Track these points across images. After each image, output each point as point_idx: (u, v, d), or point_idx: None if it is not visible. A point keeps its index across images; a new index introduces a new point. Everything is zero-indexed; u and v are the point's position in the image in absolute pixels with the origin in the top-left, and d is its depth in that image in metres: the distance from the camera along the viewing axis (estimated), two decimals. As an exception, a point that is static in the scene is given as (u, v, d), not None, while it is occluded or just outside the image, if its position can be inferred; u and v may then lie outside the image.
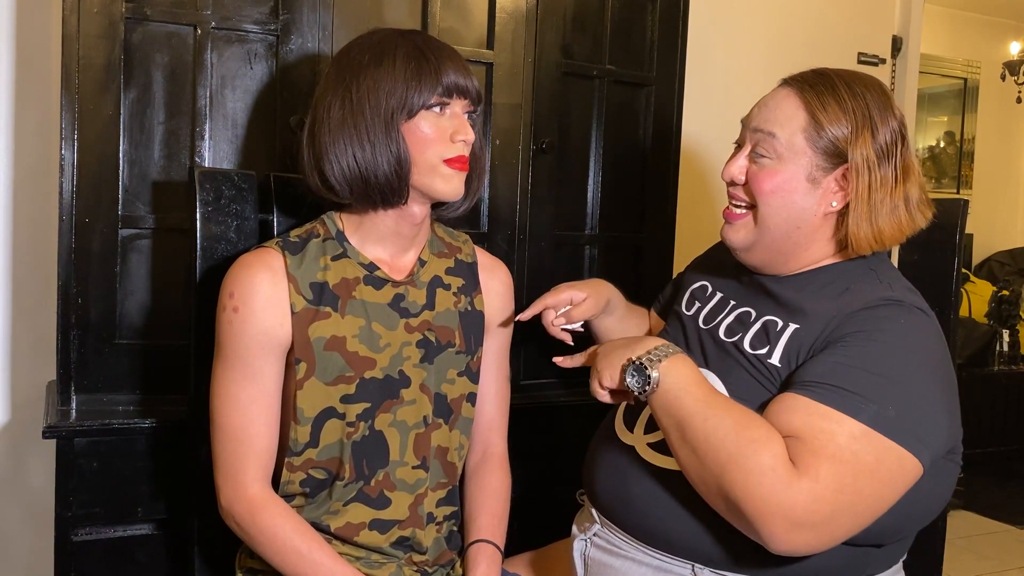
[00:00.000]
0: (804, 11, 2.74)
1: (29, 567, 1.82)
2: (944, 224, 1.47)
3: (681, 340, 1.29)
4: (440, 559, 1.25)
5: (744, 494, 0.99)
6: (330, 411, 1.15)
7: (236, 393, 1.13)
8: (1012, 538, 3.26)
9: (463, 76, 1.16)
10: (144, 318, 1.46)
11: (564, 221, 1.78)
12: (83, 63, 1.37)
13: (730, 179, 1.22)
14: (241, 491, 1.14)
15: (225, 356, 1.14)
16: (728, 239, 1.23)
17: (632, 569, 1.17)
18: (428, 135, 1.14)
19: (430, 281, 1.24)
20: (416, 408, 1.20)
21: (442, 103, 1.15)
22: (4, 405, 1.79)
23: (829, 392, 1.03)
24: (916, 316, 1.11)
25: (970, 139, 5.57)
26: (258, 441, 1.14)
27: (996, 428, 4.02)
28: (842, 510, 0.99)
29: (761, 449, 1.00)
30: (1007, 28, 5.52)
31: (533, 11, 1.68)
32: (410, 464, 1.19)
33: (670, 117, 1.88)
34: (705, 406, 1.06)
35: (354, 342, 1.16)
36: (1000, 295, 4.16)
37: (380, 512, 1.17)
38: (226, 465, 1.15)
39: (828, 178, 1.15)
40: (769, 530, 0.98)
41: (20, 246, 1.78)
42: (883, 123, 1.16)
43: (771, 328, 1.17)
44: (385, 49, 1.15)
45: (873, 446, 1.00)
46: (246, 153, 1.49)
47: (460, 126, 1.17)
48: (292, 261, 1.15)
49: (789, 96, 1.18)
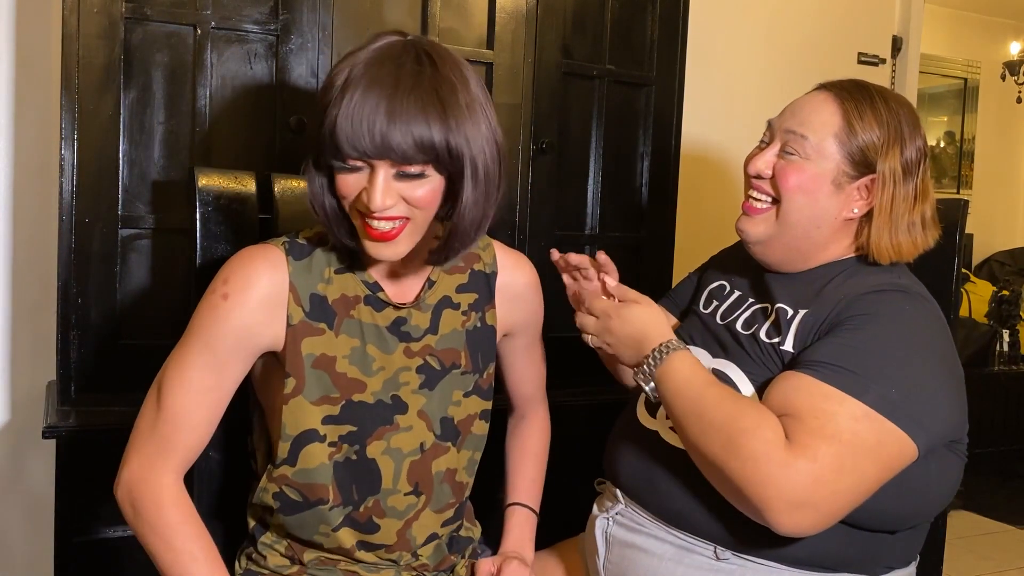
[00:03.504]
0: (804, 11, 2.74)
1: (29, 567, 1.82)
2: (944, 224, 1.47)
3: (698, 334, 1.30)
4: (441, 564, 1.23)
5: (743, 481, 1.01)
6: (312, 433, 1.09)
7: (193, 378, 1.06)
8: (1012, 538, 3.25)
9: (381, 134, 0.97)
10: (144, 318, 1.46)
11: (564, 221, 1.78)
12: (83, 63, 1.37)
13: (756, 172, 1.22)
14: (156, 476, 1.06)
15: (194, 339, 1.07)
16: (745, 232, 1.24)
17: (655, 546, 1.18)
18: (340, 190, 1.03)
19: (437, 303, 1.17)
20: (413, 435, 1.15)
21: (352, 165, 1.00)
22: (4, 405, 1.79)
23: (832, 372, 1.04)
24: (920, 303, 1.14)
25: (970, 139, 5.57)
26: (194, 434, 1.07)
27: (996, 428, 4.01)
28: (843, 490, 1.00)
29: (752, 437, 1.02)
30: (1007, 28, 5.52)
31: (533, 11, 1.68)
32: (402, 491, 1.15)
33: (670, 117, 1.88)
34: (699, 404, 1.08)
35: (344, 363, 1.11)
36: (1000, 295, 4.16)
37: (368, 536, 1.14)
38: (149, 444, 1.07)
39: (852, 186, 1.18)
40: (771, 512, 1.00)
41: (20, 246, 1.78)
42: (911, 140, 1.18)
43: (782, 316, 1.18)
44: (339, 79, 1.00)
45: (874, 427, 1.02)
46: (246, 153, 1.49)
47: (371, 194, 0.99)
48: (295, 268, 1.09)
49: (827, 101, 1.20)
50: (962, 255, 1.48)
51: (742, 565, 1.12)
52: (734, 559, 1.13)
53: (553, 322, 1.75)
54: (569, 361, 1.77)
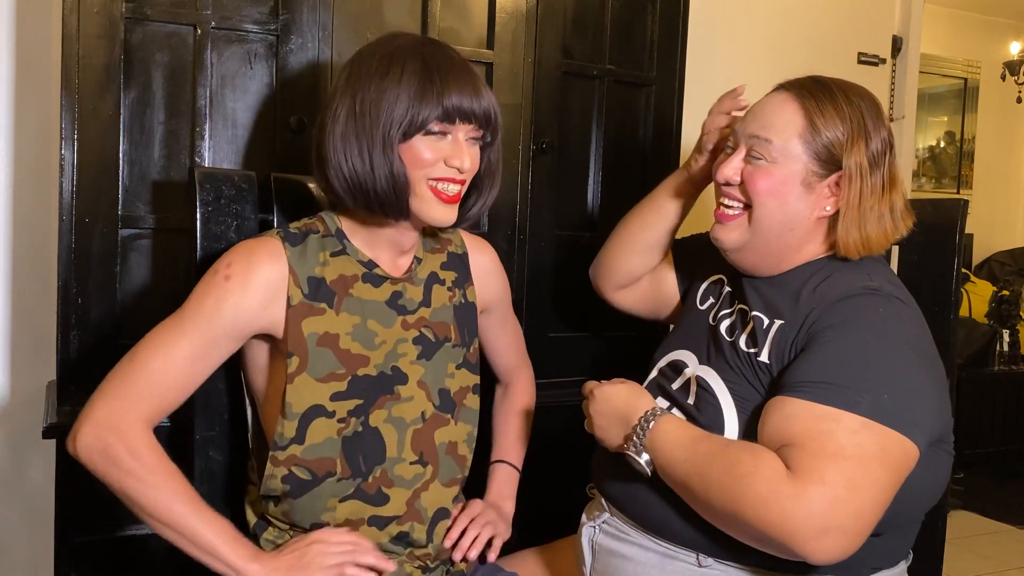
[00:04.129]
0: (804, 11, 2.74)
1: (29, 567, 1.82)
2: (944, 224, 1.47)
3: (691, 337, 1.30)
4: (443, 553, 1.25)
5: (761, 524, 0.99)
6: (319, 408, 1.14)
7: (180, 345, 1.09)
8: (1012, 538, 3.26)
9: (470, 99, 1.11)
10: (144, 318, 1.45)
11: (564, 221, 1.78)
12: (83, 63, 1.37)
13: (725, 180, 1.22)
14: (127, 424, 1.07)
15: (189, 312, 1.11)
16: (720, 239, 1.24)
17: (639, 555, 1.18)
18: (422, 158, 1.11)
19: (427, 278, 1.25)
20: (414, 404, 1.20)
21: (443, 129, 1.12)
22: (4, 405, 1.79)
23: (820, 390, 1.03)
24: (894, 304, 1.12)
25: (970, 139, 5.57)
26: (168, 394, 1.09)
27: (996, 428, 4.01)
28: (864, 505, 0.98)
29: (754, 479, 0.99)
30: (1007, 28, 5.52)
31: (533, 11, 1.68)
32: (408, 460, 1.19)
33: (670, 117, 1.88)
34: (695, 464, 1.06)
35: (347, 340, 1.16)
36: (1000, 295, 4.16)
37: (378, 508, 1.17)
38: (120, 396, 1.08)
39: (822, 184, 1.17)
40: (798, 545, 0.97)
41: (20, 246, 1.78)
42: (875, 132, 1.17)
43: (759, 326, 1.18)
44: (394, 61, 1.11)
45: (875, 436, 1.00)
46: (246, 153, 1.49)
47: (457, 151, 1.13)
48: (292, 253, 1.15)
49: (787, 101, 1.19)
50: (962, 255, 1.48)
51: (724, 572, 1.12)
52: (716, 565, 1.13)
53: (554, 322, 1.76)
54: (569, 361, 1.77)
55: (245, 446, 1.28)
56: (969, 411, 3.86)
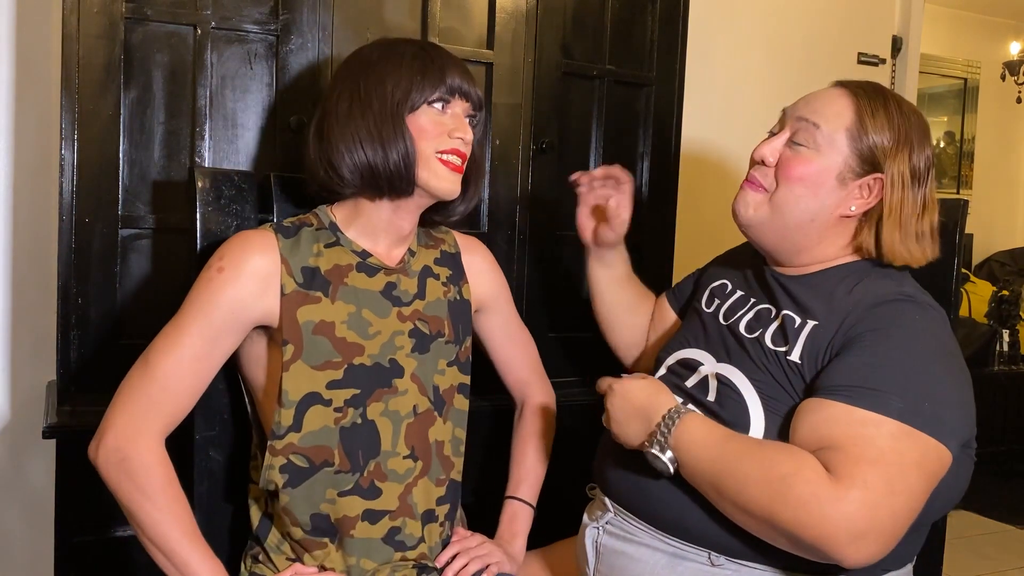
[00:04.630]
0: (804, 11, 2.74)
1: (29, 567, 1.82)
2: (944, 224, 1.46)
3: (701, 336, 1.29)
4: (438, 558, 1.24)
5: (798, 527, 0.99)
6: (315, 396, 1.15)
7: (185, 345, 1.11)
8: (1012, 538, 3.26)
9: (466, 81, 1.21)
10: (144, 318, 1.46)
11: (564, 221, 1.78)
12: (83, 63, 1.37)
13: (761, 158, 1.22)
14: (144, 438, 1.09)
15: (190, 309, 1.13)
16: (737, 211, 1.24)
17: (647, 555, 1.17)
18: (427, 129, 1.17)
19: (421, 270, 1.27)
20: (408, 398, 1.21)
21: (443, 100, 1.19)
22: (4, 405, 1.79)
23: (860, 395, 1.03)
24: (929, 312, 1.13)
25: (970, 139, 5.57)
26: (180, 399, 1.12)
27: (996, 428, 4.01)
28: (900, 510, 0.99)
29: (796, 481, 0.99)
30: (1007, 28, 5.52)
31: (533, 11, 1.68)
32: (401, 454, 1.20)
33: (670, 117, 1.88)
34: (726, 463, 1.05)
35: (343, 328, 1.17)
36: (1000, 295, 4.16)
37: (371, 503, 1.17)
38: (136, 406, 1.10)
39: (856, 183, 1.17)
40: (835, 549, 0.97)
41: (20, 246, 1.78)
42: (920, 149, 1.19)
43: (789, 325, 1.17)
44: (393, 49, 1.20)
45: (915, 443, 1.01)
46: (246, 153, 1.49)
47: (459, 124, 1.20)
48: (285, 244, 1.17)
49: (842, 96, 1.20)
50: (962, 255, 1.48)
51: (737, 571, 1.11)
52: (729, 564, 1.12)
53: (554, 322, 1.76)
54: (569, 361, 1.77)
55: (245, 445, 1.28)
56: (970, 411, 3.85)
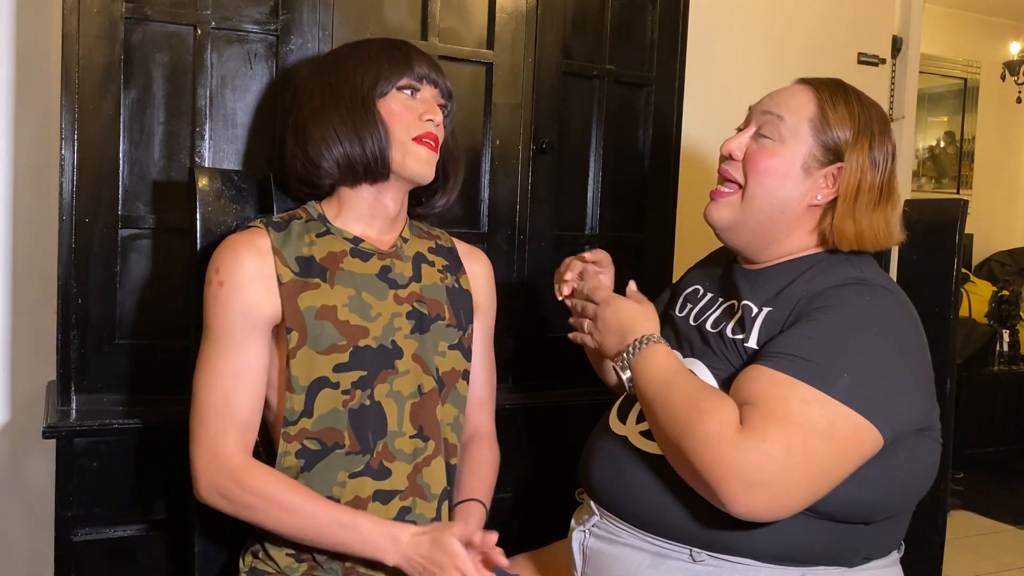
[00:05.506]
0: (804, 11, 2.74)
1: (29, 567, 1.83)
2: (944, 224, 1.47)
3: (672, 338, 1.32)
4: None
5: (699, 461, 1.04)
6: (323, 380, 1.17)
7: (220, 366, 1.15)
8: (1012, 538, 3.26)
9: (433, 70, 1.25)
10: (144, 318, 1.46)
11: (564, 221, 1.78)
12: (83, 63, 1.37)
13: (728, 153, 1.26)
14: (225, 463, 1.13)
15: (211, 331, 1.17)
16: (711, 217, 1.27)
17: (631, 556, 1.18)
18: (398, 112, 1.21)
19: (414, 256, 1.28)
20: (410, 379, 1.22)
21: (412, 88, 1.23)
22: (4, 405, 1.79)
23: (787, 361, 1.07)
24: (882, 293, 1.15)
25: (970, 139, 5.57)
26: (240, 411, 1.15)
27: (996, 428, 4.02)
28: (793, 469, 1.02)
29: (709, 418, 1.05)
30: (1007, 28, 5.52)
31: (533, 11, 1.68)
32: (407, 434, 1.21)
33: (670, 117, 1.88)
34: (667, 392, 1.12)
35: (345, 311, 1.19)
36: (1000, 295, 4.16)
37: (381, 483, 1.19)
38: (207, 439, 1.14)
39: (820, 172, 1.20)
40: (725, 491, 1.02)
41: (20, 246, 1.79)
42: (880, 141, 1.22)
43: (747, 314, 1.20)
44: (360, 46, 1.25)
45: (826, 410, 1.04)
46: (246, 153, 1.49)
47: (429, 108, 1.23)
48: (277, 237, 1.19)
49: (805, 90, 1.24)
50: (962, 255, 1.48)
51: (719, 566, 1.12)
52: (710, 560, 1.13)
53: (552, 322, 1.76)
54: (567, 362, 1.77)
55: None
56: (969, 411, 3.86)
